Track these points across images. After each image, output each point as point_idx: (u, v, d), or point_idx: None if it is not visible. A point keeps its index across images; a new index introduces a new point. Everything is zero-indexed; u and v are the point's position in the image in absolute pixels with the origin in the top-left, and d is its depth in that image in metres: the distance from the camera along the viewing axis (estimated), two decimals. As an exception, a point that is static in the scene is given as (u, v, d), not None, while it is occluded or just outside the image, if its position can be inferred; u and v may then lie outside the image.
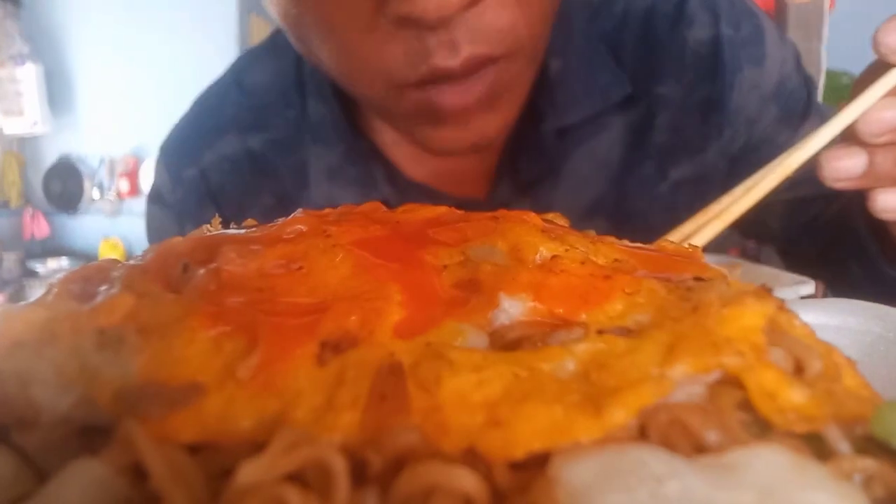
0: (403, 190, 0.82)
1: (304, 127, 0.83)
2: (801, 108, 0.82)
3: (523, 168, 0.80)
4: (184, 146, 0.91)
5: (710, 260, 0.37)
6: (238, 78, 0.90)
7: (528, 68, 0.69)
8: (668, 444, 0.24)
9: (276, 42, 0.88)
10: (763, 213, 0.88)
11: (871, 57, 0.50)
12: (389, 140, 0.83)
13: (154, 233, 0.93)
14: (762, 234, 0.97)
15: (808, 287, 0.48)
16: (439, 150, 0.72)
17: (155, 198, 0.92)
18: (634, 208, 0.82)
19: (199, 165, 0.87)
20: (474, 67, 0.61)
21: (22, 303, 0.34)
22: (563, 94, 0.78)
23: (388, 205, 0.79)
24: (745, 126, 0.80)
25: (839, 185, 0.49)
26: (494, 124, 0.69)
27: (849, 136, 0.48)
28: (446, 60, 0.59)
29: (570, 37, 0.78)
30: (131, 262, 0.36)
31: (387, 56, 0.60)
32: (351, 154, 0.82)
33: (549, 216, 0.43)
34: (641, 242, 0.43)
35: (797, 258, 0.92)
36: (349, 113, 0.82)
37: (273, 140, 0.85)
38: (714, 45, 0.79)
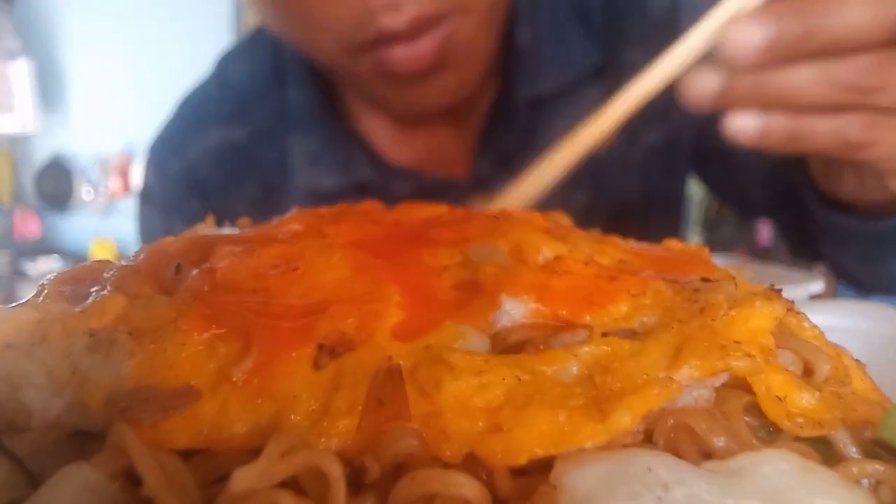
0: (384, 172, 0.84)
1: (285, 116, 0.86)
2: None
3: (501, 141, 0.81)
4: (169, 143, 0.94)
5: (718, 260, 0.37)
6: (219, 74, 0.94)
7: (483, 30, 0.70)
8: (675, 449, 0.24)
9: (254, 38, 0.92)
10: (745, 180, 0.89)
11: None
12: (370, 124, 0.85)
13: (145, 231, 0.96)
14: (745, 203, 0.98)
15: (818, 285, 0.48)
16: (402, 110, 0.74)
17: (144, 196, 0.96)
18: (610, 178, 0.84)
19: (185, 160, 0.90)
20: (420, 26, 0.63)
21: (12, 304, 0.33)
22: (534, 64, 0.79)
23: (369, 187, 0.80)
24: None
25: (695, 106, 0.49)
26: (452, 83, 0.71)
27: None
28: (391, 20, 0.61)
29: (539, 8, 0.80)
30: (123, 262, 0.36)
31: (336, 19, 0.63)
32: (331, 139, 0.84)
33: (553, 215, 0.43)
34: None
35: (792, 232, 0.92)
36: (329, 100, 0.85)
37: (255, 131, 0.88)
38: (672, 9, 0.81)
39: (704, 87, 0.48)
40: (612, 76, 0.81)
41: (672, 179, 0.91)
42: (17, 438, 0.27)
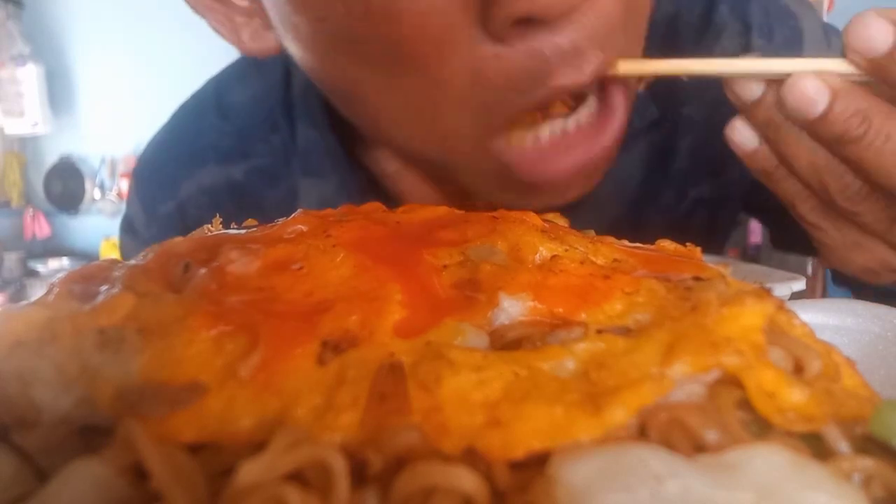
0: None
1: (293, 155, 0.75)
2: None
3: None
4: (160, 176, 0.83)
5: (706, 260, 0.37)
6: (219, 98, 0.82)
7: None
8: (668, 444, 0.24)
9: (259, 61, 0.76)
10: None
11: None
12: (391, 171, 0.74)
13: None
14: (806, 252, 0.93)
15: (800, 283, 0.48)
16: (499, 205, 0.59)
17: (128, 228, 0.85)
18: (650, 228, 0.73)
19: (176, 199, 0.79)
20: (598, 80, 0.51)
21: (23, 303, 0.34)
22: None
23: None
24: None
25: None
26: (587, 189, 0.58)
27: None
28: (573, 77, 0.48)
29: None
30: (132, 262, 0.36)
31: (494, 81, 0.47)
32: (346, 186, 0.73)
33: (549, 216, 0.43)
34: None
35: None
36: (343, 140, 0.74)
37: (256, 169, 0.77)
38: None
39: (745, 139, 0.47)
40: (665, 128, 0.75)
41: (714, 233, 0.82)
42: (27, 434, 0.27)
